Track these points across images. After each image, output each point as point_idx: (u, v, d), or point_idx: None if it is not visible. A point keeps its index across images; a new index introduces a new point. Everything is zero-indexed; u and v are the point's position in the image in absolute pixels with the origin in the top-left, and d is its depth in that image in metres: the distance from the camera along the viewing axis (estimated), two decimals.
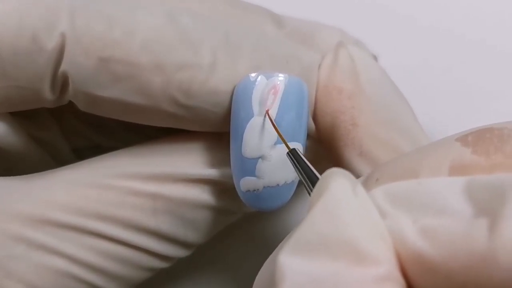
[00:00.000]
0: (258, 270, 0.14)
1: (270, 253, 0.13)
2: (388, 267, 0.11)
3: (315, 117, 0.18)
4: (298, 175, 0.15)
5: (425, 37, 0.26)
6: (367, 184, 0.13)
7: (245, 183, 0.17)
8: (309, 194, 0.14)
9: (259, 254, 0.21)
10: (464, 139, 0.13)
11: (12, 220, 0.16)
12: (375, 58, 0.20)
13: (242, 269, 0.23)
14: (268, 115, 0.16)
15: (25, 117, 0.19)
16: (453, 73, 0.25)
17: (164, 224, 0.17)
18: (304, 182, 0.14)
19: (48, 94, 0.16)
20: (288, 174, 0.17)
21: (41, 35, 0.15)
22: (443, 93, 0.25)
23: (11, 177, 0.17)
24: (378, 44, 0.21)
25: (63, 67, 0.16)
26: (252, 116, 0.16)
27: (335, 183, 0.12)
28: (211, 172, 0.17)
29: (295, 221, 0.23)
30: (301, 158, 0.15)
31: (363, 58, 0.18)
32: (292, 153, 0.15)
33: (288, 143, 0.16)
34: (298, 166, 0.15)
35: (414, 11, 0.26)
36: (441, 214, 0.11)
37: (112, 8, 0.16)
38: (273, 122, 0.16)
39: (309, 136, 0.18)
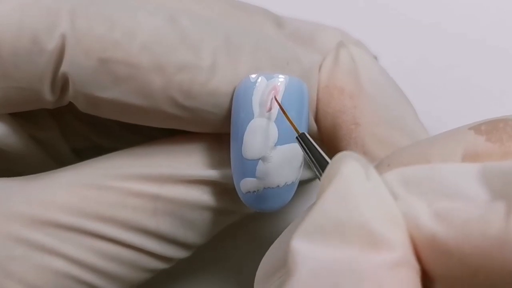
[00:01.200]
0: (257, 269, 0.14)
1: None
2: (402, 251, 0.11)
3: (316, 118, 0.18)
4: (307, 159, 0.15)
5: (425, 36, 0.26)
6: (379, 169, 0.12)
7: (245, 184, 0.17)
8: (319, 178, 0.14)
9: (260, 254, 0.21)
10: (477, 128, 0.13)
11: (12, 221, 0.16)
12: (375, 58, 0.20)
13: (243, 270, 0.23)
14: (277, 100, 0.16)
15: (25, 118, 0.19)
16: (453, 72, 0.25)
17: (164, 225, 0.17)
18: (313, 166, 0.14)
19: (48, 95, 0.16)
20: (289, 175, 0.17)
21: (41, 36, 0.15)
22: (443, 92, 0.25)
23: (11, 178, 0.18)
24: (378, 44, 0.21)
25: (63, 68, 0.16)
26: (253, 117, 0.16)
27: (347, 166, 0.12)
28: (212, 173, 0.17)
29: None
30: (311, 142, 0.15)
31: (363, 57, 0.18)
32: (302, 138, 0.15)
33: (288, 144, 0.16)
34: (308, 150, 0.15)
35: (414, 10, 0.26)
36: (456, 198, 0.11)
37: (112, 9, 0.16)
38: (281, 105, 0.16)
39: (310, 136, 0.18)
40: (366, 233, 0.11)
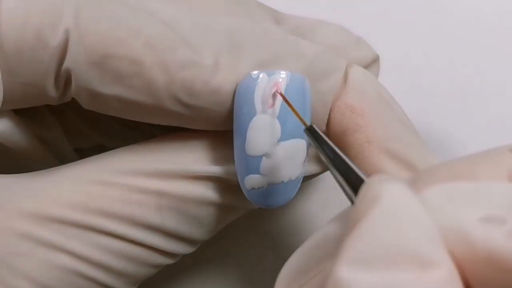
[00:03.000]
0: (263, 265, 0.14)
1: (274, 249, 0.13)
2: (448, 268, 0.11)
3: (327, 134, 0.18)
4: (318, 150, 0.15)
5: (426, 36, 0.26)
6: (416, 186, 0.12)
7: (249, 181, 0.17)
8: (330, 170, 0.14)
9: (264, 250, 0.21)
10: None
11: (17, 218, 0.16)
12: (377, 57, 0.20)
13: (247, 265, 0.23)
14: (281, 94, 0.16)
15: (28, 116, 0.19)
16: (454, 73, 0.25)
17: (169, 220, 0.17)
18: (324, 158, 0.14)
19: (51, 91, 0.17)
20: (293, 170, 0.17)
21: (45, 32, 0.16)
22: (444, 92, 0.25)
23: (16, 174, 0.18)
24: (379, 43, 0.21)
25: (66, 63, 0.16)
26: (255, 114, 0.16)
27: (389, 190, 0.11)
28: (216, 169, 0.17)
29: (300, 216, 0.23)
30: (320, 134, 0.15)
31: (372, 77, 0.18)
32: (311, 130, 0.15)
33: (292, 140, 0.16)
34: (317, 142, 0.15)
35: (415, 10, 0.26)
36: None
37: (116, 7, 0.16)
38: (285, 98, 0.16)
39: None
40: (412, 255, 0.11)
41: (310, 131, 0.15)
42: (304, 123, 0.15)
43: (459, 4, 0.26)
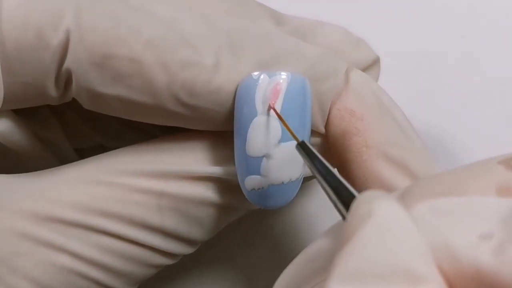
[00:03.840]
0: (263, 265, 0.14)
1: (275, 249, 0.13)
2: (438, 284, 0.11)
3: (326, 137, 0.18)
4: (308, 166, 0.15)
5: (426, 36, 0.26)
6: (406, 200, 0.12)
7: (250, 182, 0.17)
8: (322, 187, 0.14)
9: (264, 251, 0.21)
10: (507, 163, 0.12)
11: (17, 217, 0.16)
12: (377, 59, 0.20)
13: (247, 266, 0.23)
14: (274, 109, 0.16)
15: (28, 116, 0.19)
16: (454, 73, 0.25)
17: (169, 221, 0.17)
18: (317, 174, 0.14)
19: (52, 91, 0.17)
20: (293, 171, 0.17)
21: (46, 31, 0.16)
22: (445, 92, 0.25)
23: (16, 174, 0.18)
24: (379, 43, 0.21)
25: (67, 63, 0.16)
26: (256, 115, 0.16)
27: (380, 207, 0.11)
28: (216, 170, 0.17)
29: (301, 217, 0.23)
30: (311, 150, 0.15)
31: (372, 81, 0.18)
32: (302, 146, 0.15)
33: (292, 141, 0.16)
34: (308, 158, 0.15)
35: (415, 10, 0.26)
36: (501, 232, 0.11)
37: (117, 6, 0.16)
38: (279, 114, 0.16)
39: (312, 132, 0.18)
40: (403, 271, 0.11)
41: (302, 147, 0.15)
42: (296, 139, 0.15)
43: (459, 4, 0.26)
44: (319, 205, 0.23)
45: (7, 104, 0.17)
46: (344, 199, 0.13)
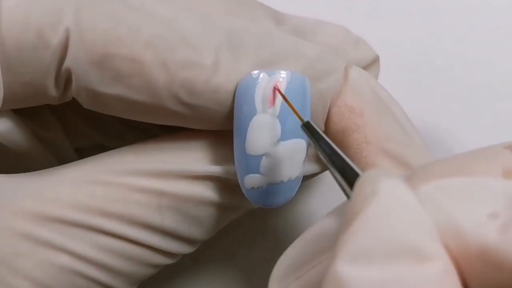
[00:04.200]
0: (263, 264, 0.14)
1: (275, 248, 0.13)
2: (444, 261, 0.11)
3: (326, 134, 0.18)
4: (315, 147, 0.15)
5: (427, 35, 0.26)
6: (412, 182, 0.12)
7: (249, 180, 0.17)
8: (327, 167, 0.14)
9: (264, 249, 0.21)
10: None
11: (17, 217, 0.16)
12: (377, 57, 0.20)
13: (247, 265, 0.23)
14: (279, 91, 0.16)
15: (28, 116, 0.19)
16: (456, 72, 0.25)
17: (168, 220, 0.17)
18: (321, 154, 0.14)
19: (52, 91, 0.17)
20: (293, 170, 0.17)
21: (46, 31, 0.16)
22: (445, 92, 0.25)
23: (16, 174, 0.18)
24: (379, 43, 0.21)
25: (67, 63, 0.16)
26: (255, 114, 0.16)
27: (385, 185, 0.12)
28: (215, 169, 0.17)
29: (301, 216, 0.23)
30: (316, 130, 0.15)
31: (371, 78, 0.18)
32: (307, 126, 0.15)
33: (292, 139, 0.16)
34: (313, 138, 0.15)
35: (415, 10, 0.26)
36: (507, 210, 0.11)
37: (117, 6, 0.16)
38: (284, 95, 0.16)
39: None
40: (409, 248, 0.11)
41: (307, 127, 0.15)
42: (301, 119, 0.15)
43: (459, 4, 0.26)
44: (319, 204, 0.23)
45: (7, 104, 0.17)
46: (349, 179, 0.13)
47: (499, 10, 0.26)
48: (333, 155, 0.14)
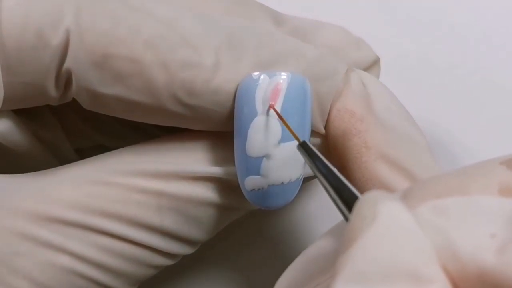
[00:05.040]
0: (263, 266, 0.14)
1: (275, 249, 0.13)
2: (443, 284, 0.11)
3: (326, 137, 0.18)
4: (310, 166, 0.15)
5: (427, 35, 0.26)
6: (408, 201, 0.12)
7: (250, 182, 0.17)
8: (324, 187, 0.14)
9: (264, 251, 0.21)
10: (509, 163, 0.12)
11: (17, 217, 0.16)
12: (377, 59, 0.20)
13: (247, 266, 0.23)
14: (274, 109, 0.16)
15: (28, 116, 0.19)
16: (456, 71, 0.25)
17: (168, 221, 0.17)
18: (319, 175, 0.14)
19: (52, 91, 0.17)
20: (293, 172, 0.17)
21: (46, 31, 0.16)
22: (446, 91, 0.25)
23: (16, 174, 0.18)
24: (379, 43, 0.21)
25: (67, 63, 0.16)
26: (256, 115, 0.16)
27: (385, 208, 0.12)
28: (216, 170, 0.17)
29: (301, 217, 0.23)
30: (312, 150, 0.15)
31: (374, 82, 0.18)
32: (303, 146, 0.15)
33: (292, 141, 0.16)
34: (309, 158, 0.15)
35: (416, 8, 0.26)
36: (509, 233, 0.11)
37: (117, 6, 0.16)
38: (280, 114, 0.16)
39: (312, 133, 0.18)
40: (408, 272, 0.11)
41: (303, 146, 0.15)
42: (297, 139, 0.15)
43: (459, 4, 0.26)
44: (319, 206, 0.23)
45: (7, 104, 0.17)
46: (346, 199, 0.13)
47: (499, 10, 0.26)
48: (330, 175, 0.14)
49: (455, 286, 0.11)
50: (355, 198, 0.13)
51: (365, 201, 0.12)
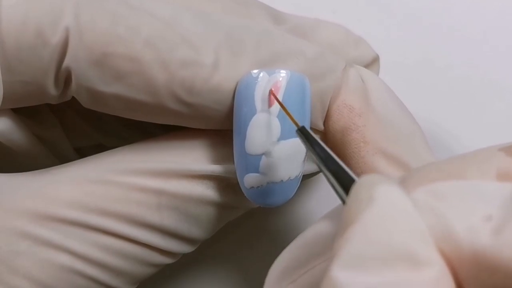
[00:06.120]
0: (263, 264, 0.14)
1: (274, 248, 0.13)
2: (440, 267, 0.11)
3: (325, 133, 0.18)
4: (310, 152, 0.15)
5: (427, 35, 0.26)
6: (406, 185, 0.12)
7: (249, 180, 0.17)
8: (321, 170, 0.14)
9: (263, 249, 0.21)
10: (507, 150, 0.13)
11: (17, 216, 0.16)
12: (377, 57, 0.20)
13: (247, 264, 0.23)
14: (274, 95, 0.16)
15: (28, 115, 0.19)
16: (455, 71, 0.25)
17: (168, 220, 0.17)
18: (316, 159, 0.14)
19: (52, 90, 0.17)
20: (292, 169, 0.17)
21: (45, 30, 0.16)
22: (446, 91, 0.25)
23: (16, 173, 0.18)
24: (380, 42, 0.21)
25: (66, 62, 0.16)
26: (255, 113, 0.16)
27: (381, 191, 0.12)
28: (215, 168, 0.17)
29: (300, 215, 0.23)
30: (311, 135, 0.15)
31: (372, 77, 0.18)
32: (302, 131, 0.15)
33: (291, 139, 0.16)
34: (308, 143, 0.15)
35: (416, 8, 0.26)
36: (501, 213, 0.11)
37: (116, 5, 0.16)
38: (278, 99, 0.16)
39: (311, 130, 0.18)
40: (406, 255, 0.11)
41: (302, 132, 0.15)
42: (296, 124, 0.15)
43: (459, 4, 0.26)
44: (319, 203, 0.23)
45: (7, 103, 0.17)
46: (344, 183, 0.13)
47: (499, 10, 0.26)
48: (328, 160, 0.14)
49: (451, 267, 0.11)
50: (352, 181, 0.13)
51: (362, 184, 0.12)
